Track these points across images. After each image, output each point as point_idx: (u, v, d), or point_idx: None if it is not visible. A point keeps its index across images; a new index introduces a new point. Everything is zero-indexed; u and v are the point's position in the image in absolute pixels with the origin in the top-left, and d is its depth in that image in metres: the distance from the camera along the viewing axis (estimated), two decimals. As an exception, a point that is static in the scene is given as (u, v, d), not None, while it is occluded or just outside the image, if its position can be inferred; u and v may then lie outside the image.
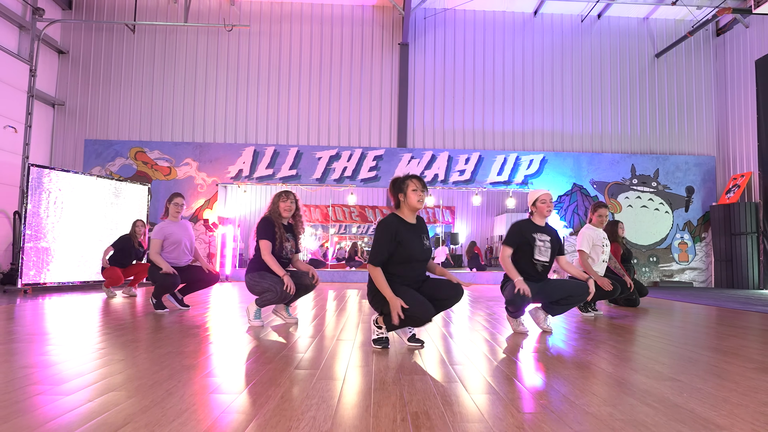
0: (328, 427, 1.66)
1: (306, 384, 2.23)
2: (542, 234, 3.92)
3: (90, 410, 1.79)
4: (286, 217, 4.19)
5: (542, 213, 3.93)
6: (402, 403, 1.94)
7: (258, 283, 4.04)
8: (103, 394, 2.00)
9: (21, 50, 9.95)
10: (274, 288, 3.98)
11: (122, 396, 1.97)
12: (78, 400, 1.91)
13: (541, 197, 3.94)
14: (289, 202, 4.19)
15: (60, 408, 1.81)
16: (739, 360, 2.90)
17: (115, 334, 3.51)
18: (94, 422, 1.66)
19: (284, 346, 3.17)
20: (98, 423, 1.65)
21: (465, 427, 1.69)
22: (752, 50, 10.86)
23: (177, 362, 2.62)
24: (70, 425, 1.63)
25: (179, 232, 5.13)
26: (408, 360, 2.79)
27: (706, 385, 2.31)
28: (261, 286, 4.03)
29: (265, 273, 4.07)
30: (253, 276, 4.08)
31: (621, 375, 2.49)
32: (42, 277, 7.74)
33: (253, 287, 4.07)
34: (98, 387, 2.11)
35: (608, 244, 5.26)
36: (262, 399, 1.97)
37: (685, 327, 4.34)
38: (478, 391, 2.16)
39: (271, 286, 3.99)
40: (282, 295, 3.99)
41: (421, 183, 3.14)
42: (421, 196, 3.11)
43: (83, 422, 1.66)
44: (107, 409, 1.79)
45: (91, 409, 1.79)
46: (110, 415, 1.73)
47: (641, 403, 2.00)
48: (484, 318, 4.82)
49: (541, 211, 3.93)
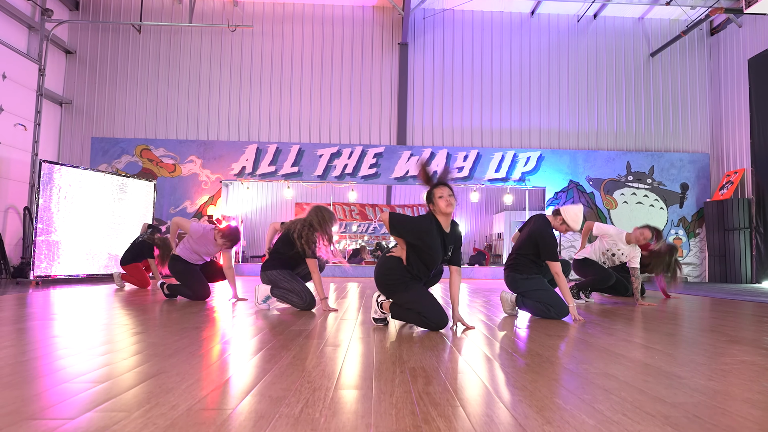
0: (336, 375, 1.90)
1: (315, 349, 2.46)
2: None
3: (113, 369, 2.02)
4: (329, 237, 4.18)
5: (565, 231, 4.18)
6: (401, 361, 2.18)
7: (287, 280, 4.13)
8: (125, 358, 2.24)
9: (30, 50, 10.19)
10: (304, 295, 4.11)
11: (141, 358, 2.21)
12: (104, 361, 2.14)
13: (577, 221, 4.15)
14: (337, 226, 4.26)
15: (90, 365, 2.05)
16: (714, 335, 3.14)
17: (130, 315, 3.74)
18: (111, 381, 1.89)
19: (293, 322, 3.40)
20: (116, 381, 1.89)
21: (456, 376, 1.92)
22: (745, 49, 11.09)
23: (195, 334, 2.86)
24: (102, 377, 1.87)
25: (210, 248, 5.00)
26: (407, 333, 3.03)
27: (677, 351, 2.55)
28: (291, 285, 4.11)
29: (295, 275, 4.21)
30: (283, 273, 4.16)
31: (601, 344, 2.72)
32: (52, 269, 7.97)
33: (279, 282, 4.14)
34: (119, 353, 2.34)
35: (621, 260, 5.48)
36: (276, 359, 2.21)
37: (671, 311, 4.58)
38: (471, 354, 2.39)
39: (302, 292, 4.11)
40: (307, 305, 4.15)
41: (448, 188, 3.23)
42: (448, 200, 3.18)
43: (115, 375, 1.89)
44: (128, 369, 2.03)
45: (116, 368, 2.03)
46: (129, 376, 1.96)
47: (615, 363, 2.23)
48: (481, 304, 5.06)
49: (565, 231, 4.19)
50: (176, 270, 4.97)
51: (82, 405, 1.48)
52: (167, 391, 1.64)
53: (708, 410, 1.52)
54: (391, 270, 3.27)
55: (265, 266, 4.29)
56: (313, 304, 4.21)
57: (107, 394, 1.60)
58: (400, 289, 3.23)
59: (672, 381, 1.88)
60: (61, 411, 1.43)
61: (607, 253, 5.49)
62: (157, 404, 1.49)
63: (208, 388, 1.69)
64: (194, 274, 4.99)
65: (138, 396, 1.58)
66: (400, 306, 3.26)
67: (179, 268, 4.96)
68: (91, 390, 1.64)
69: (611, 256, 5.49)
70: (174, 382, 1.76)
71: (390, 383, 1.79)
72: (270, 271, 4.23)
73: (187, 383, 1.74)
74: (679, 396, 1.67)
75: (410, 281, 3.25)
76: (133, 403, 1.51)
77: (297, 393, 1.65)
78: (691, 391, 1.73)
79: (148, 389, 1.66)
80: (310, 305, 4.17)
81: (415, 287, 3.24)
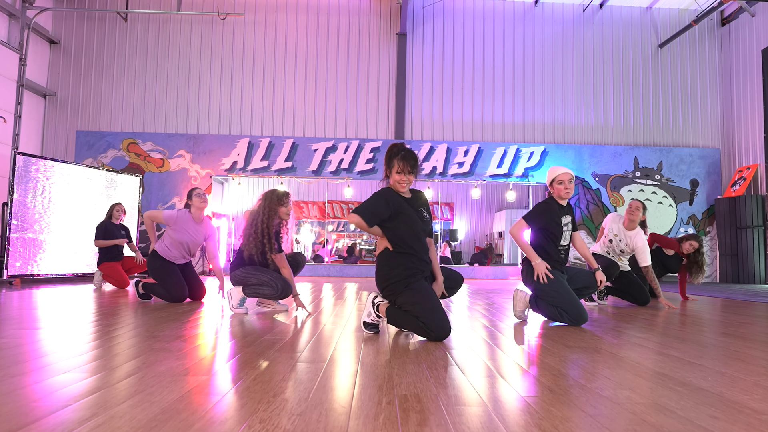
0: (301, 410, 1.43)
1: (284, 366, 1.99)
2: (566, 216, 3.61)
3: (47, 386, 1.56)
4: (285, 220, 3.93)
5: (559, 195, 3.58)
6: (390, 386, 1.71)
7: (254, 275, 3.81)
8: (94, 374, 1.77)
9: (11, 39, 9.71)
10: (275, 284, 3.79)
11: (77, 375, 1.74)
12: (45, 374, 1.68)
13: (558, 177, 3.58)
14: (290, 207, 3.95)
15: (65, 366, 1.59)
16: (762, 345, 2.67)
17: (92, 320, 3.27)
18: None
19: (268, 330, 2.94)
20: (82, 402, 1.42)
21: (461, 410, 1.46)
22: (758, 40, 10.62)
23: (148, 345, 2.39)
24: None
25: (191, 233, 4.57)
26: (400, 345, 2.56)
27: (730, 369, 2.08)
28: (258, 278, 3.80)
29: (259, 267, 3.86)
30: (247, 269, 3.85)
31: (634, 359, 2.26)
32: (30, 268, 7.50)
33: (247, 279, 3.83)
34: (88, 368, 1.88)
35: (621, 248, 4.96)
36: (231, 381, 1.74)
37: (695, 314, 4.11)
38: (477, 374, 1.93)
39: (271, 281, 3.79)
40: (281, 292, 3.82)
41: (409, 165, 2.81)
42: (404, 179, 2.81)
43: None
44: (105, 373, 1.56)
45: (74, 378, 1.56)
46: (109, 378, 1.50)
47: (660, 386, 1.76)
48: (483, 307, 4.59)
49: (558, 193, 3.58)
50: (153, 267, 4.56)
51: None
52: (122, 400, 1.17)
53: None
54: (392, 264, 2.83)
55: (231, 267, 3.96)
56: (288, 290, 3.86)
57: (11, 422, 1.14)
58: (401, 287, 2.78)
59: (749, 418, 1.42)
60: None
61: (611, 245, 4.96)
62: (110, 417, 1.03)
63: None
64: (171, 273, 4.54)
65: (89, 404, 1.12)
66: (398, 308, 2.81)
67: (156, 266, 4.55)
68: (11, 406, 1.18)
69: (618, 252, 4.96)
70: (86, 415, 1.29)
71: (372, 421, 1.33)
72: (234, 272, 3.90)
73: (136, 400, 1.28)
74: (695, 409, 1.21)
75: (412, 277, 2.79)
76: (119, 399, 1.04)
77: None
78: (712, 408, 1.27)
79: (102, 399, 1.19)
80: (284, 292, 3.85)
81: (418, 286, 2.77)
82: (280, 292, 3.82)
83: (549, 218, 3.51)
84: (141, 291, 4.59)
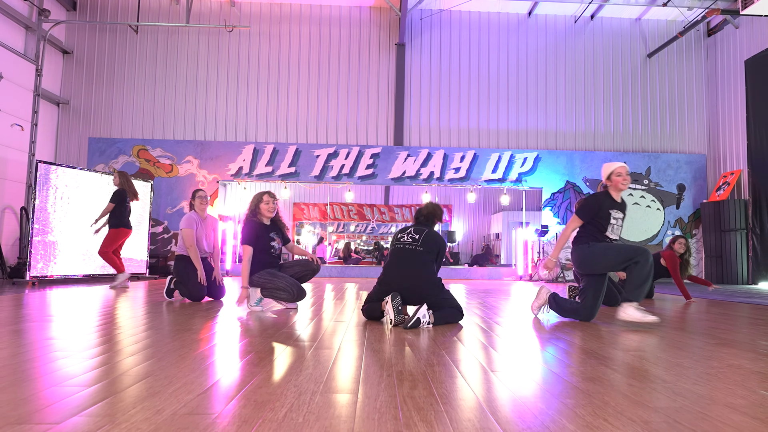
0: (324, 378, 1.91)
1: (305, 352, 2.47)
2: (617, 211, 3.76)
3: (103, 372, 2.03)
4: (268, 217, 4.37)
5: (617, 187, 3.75)
6: (389, 365, 2.19)
7: (270, 281, 4.24)
8: (116, 361, 2.25)
9: (27, 50, 10.19)
10: (290, 289, 4.21)
11: (135, 360, 2.22)
12: (95, 364, 2.16)
13: (617, 170, 3.74)
14: (272, 204, 4.35)
15: (81, 367, 2.06)
16: (705, 337, 3.15)
17: (123, 317, 3.75)
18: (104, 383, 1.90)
19: (285, 325, 3.41)
20: (104, 385, 1.90)
21: (442, 379, 1.94)
22: (742, 50, 11.12)
23: (185, 336, 2.87)
24: (91, 380, 1.88)
25: (202, 229, 5.17)
26: (398, 337, 3.04)
27: (665, 354, 2.56)
28: (274, 284, 4.23)
29: (276, 272, 4.28)
30: (263, 275, 4.27)
31: (589, 347, 2.74)
32: (48, 270, 7.97)
33: (264, 284, 4.26)
34: (110, 355, 2.36)
35: None
36: (264, 362, 2.22)
37: (664, 314, 4.59)
38: (461, 361, 2.41)
39: (287, 287, 4.21)
40: (296, 296, 4.24)
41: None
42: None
43: (100, 378, 1.91)
44: (118, 372, 2.04)
45: (104, 370, 2.04)
46: (117, 379, 1.98)
47: (604, 366, 2.24)
48: (476, 306, 5.07)
49: (616, 185, 3.75)
50: (177, 268, 5.13)
51: (69, 409, 1.49)
52: (153, 395, 1.65)
53: (689, 415, 1.53)
54: None
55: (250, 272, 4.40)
56: (303, 294, 4.29)
57: (94, 397, 1.61)
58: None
59: (656, 385, 1.90)
60: (48, 415, 1.44)
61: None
62: (142, 408, 1.51)
63: (194, 392, 1.70)
64: (192, 275, 5.03)
65: (124, 400, 1.59)
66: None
67: (180, 267, 5.10)
68: (79, 393, 1.65)
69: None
70: (161, 385, 1.77)
71: (376, 387, 1.81)
72: (252, 277, 4.32)
73: (174, 387, 1.76)
74: (662, 400, 1.69)
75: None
76: (119, 407, 1.52)
77: (282, 397, 1.66)
78: (674, 396, 1.75)
79: (135, 393, 1.67)
80: (299, 296, 4.27)
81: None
82: (295, 297, 4.25)
83: (595, 209, 3.71)
84: (171, 286, 5.11)
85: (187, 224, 5.05)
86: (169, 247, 10.83)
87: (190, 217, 5.10)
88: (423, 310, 3.32)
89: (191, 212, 5.20)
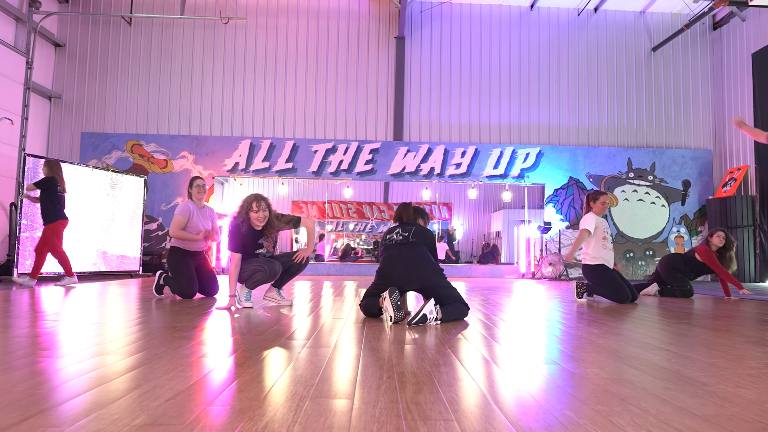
0: (315, 381, 1.67)
1: (295, 351, 2.23)
2: None
3: (65, 372, 1.79)
4: (258, 226, 4.10)
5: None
6: (390, 365, 1.95)
7: (244, 269, 4.06)
8: (79, 361, 2.01)
9: (18, 42, 9.93)
10: (262, 267, 4.03)
11: (117, 357, 1.97)
12: (75, 360, 1.91)
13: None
14: (261, 213, 4.04)
15: (65, 369, 1.82)
16: (729, 335, 2.91)
17: (110, 314, 3.51)
18: (94, 373, 1.66)
19: (277, 322, 3.17)
20: (96, 375, 1.66)
21: (451, 382, 1.69)
22: (749, 43, 10.87)
23: (168, 334, 2.63)
24: (70, 379, 1.63)
25: (200, 218, 4.94)
26: (398, 334, 2.80)
27: (694, 353, 2.32)
28: (247, 270, 4.05)
29: (249, 259, 4.11)
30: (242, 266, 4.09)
31: (609, 345, 2.50)
32: (38, 267, 7.70)
33: (242, 275, 4.08)
34: (93, 351, 2.11)
35: (610, 233, 5.21)
36: (251, 362, 1.97)
37: (676, 310, 4.35)
38: (470, 359, 2.17)
39: (258, 267, 4.03)
40: (270, 273, 4.04)
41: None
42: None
43: (86, 372, 1.66)
44: (104, 366, 1.80)
45: (92, 365, 1.80)
46: (107, 372, 1.73)
47: (630, 366, 2.00)
48: (479, 302, 4.83)
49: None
50: (170, 262, 4.91)
51: (26, 409, 1.25)
52: (112, 401, 1.41)
53: (746, 424, 1.29)
54: None
55: None
56: (276, 269, 4.09)
57: (51, 400, 1.37)
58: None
59: (696, 389, 1.66)
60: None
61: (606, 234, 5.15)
62: (96, 418, 1.26)
63: (162, 397, 1.46)
64: (185, 270, 4.81)
65: (85, 406, 1.35)
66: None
67: (173, 261, 4.89)
68: (36, 393, 1.41)
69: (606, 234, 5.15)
70: (125, 389, 1.53)
71: (375, 391, 1.57)
72: None
73: (141, 391, 1.51)
74: (709, 407, 1.45)
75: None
76: (78, 412, 1.28)
77: (264, 403, 1.41)
78: (722, 401, 1.51)
79: (89, 400, 1.42)
80: (272, 273, 4.08)
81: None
82: (269, 273, 4.04)
83: None
84: (161, 282, 4.87)
85: (182, 211, 4.83)
86: (163, 245, 10.57)
87: (186, 206, 4.89)
88: (430, 306, 3.11)
89: (188, 200, 4.99)
